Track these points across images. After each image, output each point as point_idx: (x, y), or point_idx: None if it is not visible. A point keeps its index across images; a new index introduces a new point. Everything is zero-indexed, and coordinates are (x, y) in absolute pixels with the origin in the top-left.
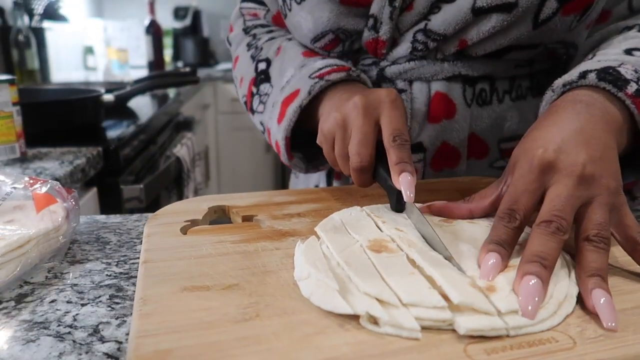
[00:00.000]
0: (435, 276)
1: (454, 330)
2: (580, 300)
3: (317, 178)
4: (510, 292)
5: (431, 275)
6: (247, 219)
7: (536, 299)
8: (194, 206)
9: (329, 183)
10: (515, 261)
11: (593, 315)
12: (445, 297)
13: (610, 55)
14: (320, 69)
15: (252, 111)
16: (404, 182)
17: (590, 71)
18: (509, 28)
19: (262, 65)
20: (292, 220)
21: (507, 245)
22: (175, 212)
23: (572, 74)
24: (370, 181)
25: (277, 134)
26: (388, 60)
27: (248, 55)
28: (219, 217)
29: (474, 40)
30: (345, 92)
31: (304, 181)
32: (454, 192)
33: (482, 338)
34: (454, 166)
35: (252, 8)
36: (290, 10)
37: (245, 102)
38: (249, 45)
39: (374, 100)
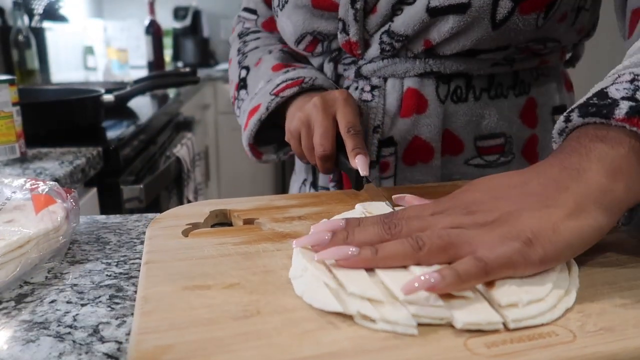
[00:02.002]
0: (382, 277)
1: (450, 325)
2: (581, 297)
3: (305, 174)
4: (509, 287)
5: (409, 267)
6: (248, 222)
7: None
8: (196, 210)
9: (314, 176)
10: None
11: (593, 310)
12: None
13: (624, 63)
14: (278, 84)
15: (236, 112)
16: (359, 162)
17: (572, 110)
18: (468, 29)
19: (243, 73)
20: (293, 223)
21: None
22: (178, 215)
23: (560, 120)
24: (333, 168)
25: (243, 140)
26: (365, 59)
27: (236, 61)
28: (220, 220)
29: (437, 41)
30: (305, 96)
31: (298, 176)
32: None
33: (481, 332)
34: (428, 161)
35: (245, 17)
36: (277, 17)
37: (232, 103)
38: (238, 51)
39: (329, 99)
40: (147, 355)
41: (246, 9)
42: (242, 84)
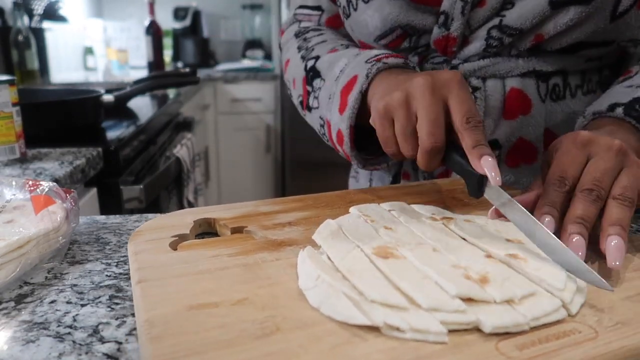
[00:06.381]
0: (428, 272)
1: (474, 330)
2: (588, 291)
3: (381, 183)
4: (503, 282)
5: (424, 272)
6: (236, 230)
7: (580, 253)
8: (177, 220)
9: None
10: (504, 252)
11: (604, 304)
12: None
13: None
14: (377, 54)
15: (309, 108)
16: (488, 165)
17: (619, 105)
18: (586, 21)
19: (311, 63)
20: (285, 230)
21: (558, 206)
22: (159, 227)
23: (602, 104)
24: (439, 164)
25: (341, 123)
26: (459, 59)
27: (299, 57)
28: (205, 230)
29: (551, 34)
30: (401, 74)
31: (364, 184)
32: (436, 193)
33: (507, 334)
34: (532, 162)
35: (306, 14)
36: (355, 9)
37: (301, 102)
38: (299, 48)
39: (440, 80)
40: None
41: (305, 7)
42: (312, 73)
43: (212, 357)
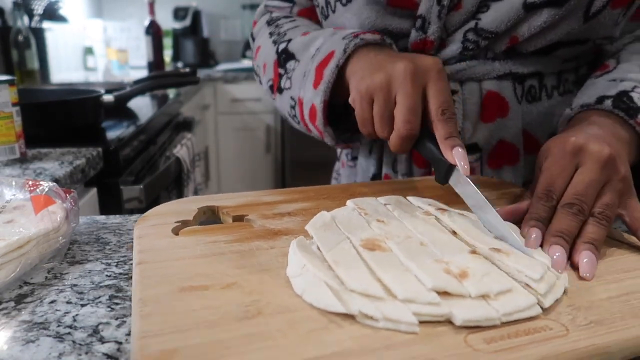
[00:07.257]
0: (409, 265)
1: (447, 322)
2: (569, 290)
3: (362, 180)
4: (481, 278)
5: (406, 265)
6: (237, 219)
7: (560, 267)
8: (183, 207)
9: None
10: (489, 245)
11: (582, 304)
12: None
13: (628, 73)
14: (354, 31)
15: (280, 90)
16: (459, 156)
17: (607, 97)
18: (560, 22)
19: (283, 45)
20: (283, 220)
21: (546, 221)
22: (165, 213)
23: (591, 97)
24: (410, 148)
25: (315, 98)
26: None
27: (270, 42)
28: (209, 218)
29: (525, 36)
30: (380, 53)
31: (346, 182)
32: (439, 188)
33: (478, 328)
34: (514, 162)
35: (276, 5)
36: (334, 12)
37: (271, 86)
38: (271, 34)
39: (421, 67)
40: None
41: None
42: (285, 56)
43: (194, 335)
